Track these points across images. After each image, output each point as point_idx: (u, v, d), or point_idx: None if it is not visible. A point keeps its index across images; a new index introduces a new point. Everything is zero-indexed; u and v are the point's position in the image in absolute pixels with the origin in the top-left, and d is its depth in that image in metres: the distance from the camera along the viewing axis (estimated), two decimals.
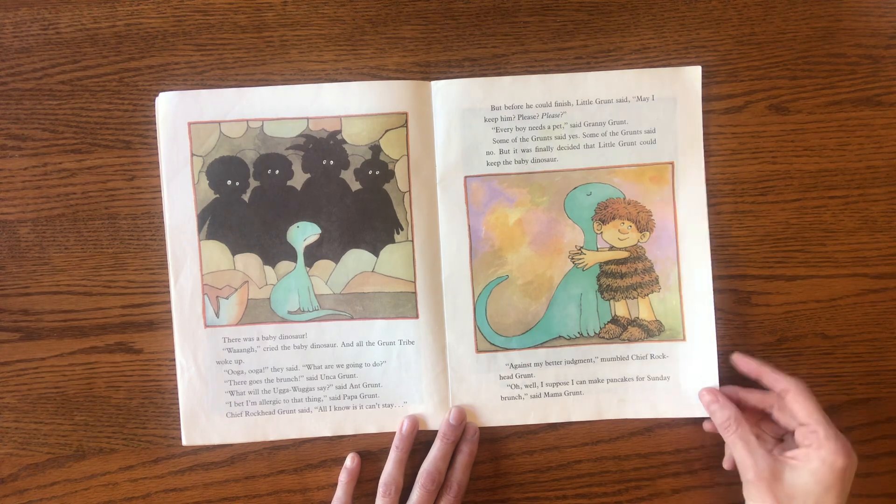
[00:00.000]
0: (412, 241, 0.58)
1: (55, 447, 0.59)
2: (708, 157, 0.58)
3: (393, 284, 0.58)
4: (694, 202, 0.58)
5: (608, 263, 0.58)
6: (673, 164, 0.58)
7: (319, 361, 0.58)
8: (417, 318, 0.58)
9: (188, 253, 0.58)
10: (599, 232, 0.58)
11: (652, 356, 0.58)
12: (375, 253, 0.58)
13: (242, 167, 0.57)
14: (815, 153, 0.59)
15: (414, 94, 0.57)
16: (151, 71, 0.58)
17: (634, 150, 0.58)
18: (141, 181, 0.58)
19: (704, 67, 0.58)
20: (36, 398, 0.59)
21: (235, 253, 0.58)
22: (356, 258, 0.58)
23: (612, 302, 0.58)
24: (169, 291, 0.58)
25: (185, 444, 0.58)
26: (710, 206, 0.58)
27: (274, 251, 0.58)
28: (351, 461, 0.58)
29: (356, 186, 0.58)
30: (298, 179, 0.58)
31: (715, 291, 0.58)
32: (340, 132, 0.57)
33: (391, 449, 0.57)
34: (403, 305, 0.58)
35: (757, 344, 0.59)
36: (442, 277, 0.58)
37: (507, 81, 0.58)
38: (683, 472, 0.59)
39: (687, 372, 0.58)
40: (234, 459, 0.59)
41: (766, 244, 0.59)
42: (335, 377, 0.58)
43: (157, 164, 0.58)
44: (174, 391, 0.58)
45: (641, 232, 0.58)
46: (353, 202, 0.58)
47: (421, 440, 0.58)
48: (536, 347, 0.58)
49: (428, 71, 0.58)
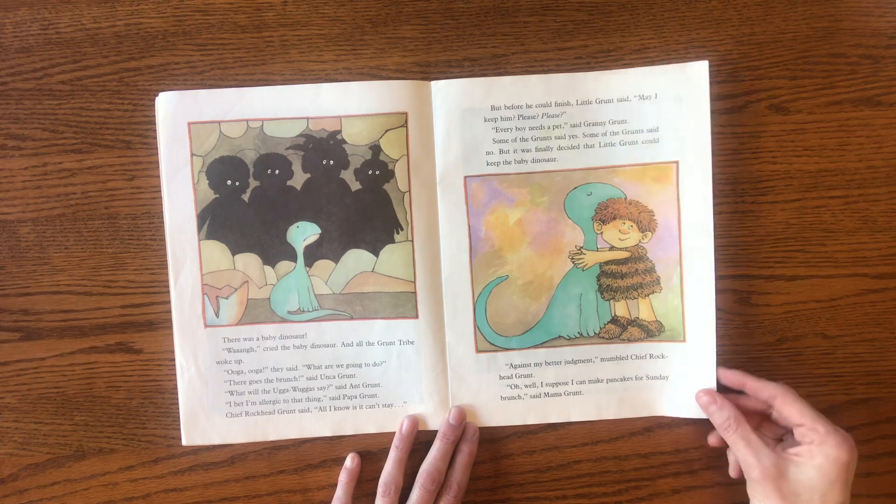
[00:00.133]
0: (412, 241, 0.58)
1: (55, 447, 0.59)
2: None
3: (393, 284, 0.58)
4: (700, 201, 0.57)
5: (608, 263, 0.58)
6: (677, 163, 0.57)
7: (319, 361, 0.58)
8: (417, 318, 0.58)
9: (188, 253, 0.58)
10: (599, 232, 0.58)
11: (651, 356, 0.58)
12: (375, 253, 0.58)
13: (242, 167, 0.57)
14: (815, 153, 0.59)
15: (414, 94, 0.57)
16: (151, 71, 0.58)
17: (636, 149, 0.57)
18: (141, 181, 0.58)
19: None
20: (36, 398, 0.59)
21: (235, 253, 0.58)
22: (356, 258, 0.58)
23: (611, 302, 0.58)
24: (169, 291, 0.58)
25: (185, 444, 0.58)
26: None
27: (274, 251, 0.58)
28: (351, 461, 0.58)
29: (356, 186, 0.58)
30: (298, 179, 0.58)
31: (715, 291, 0.58)
32: (340, 132, 0.57)
33: (391, 449, 0.57)
34: (403, 305, 0.58)
35: (757, 344, 0.59)
36: (442, 277, 0.58)
37: (507, 81, 0.57)
38: (683, 472, 0.59)
39: (686, 372, 0.58)
40: (234, 459, 0.59)
41: (766, 244, 0.59)
42: (335, 377, 0.58)
43: (157, 164, 0.58)
44: (174, 391, 0.58)
45: (643, 232, 0.58)
46: (353, 202, 0.58)
47: (421, 440, 0.58)
48: (536, 347, 0.58)
49: (428, 71, 0.58)
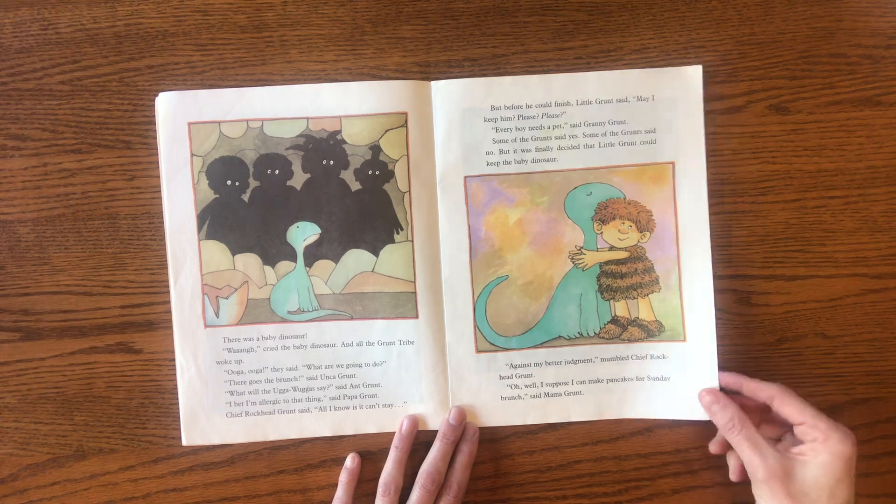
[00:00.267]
0: (412, 241, 0.58)
1: (55, 447, 0.59)
2: (708, 157, 0.58)
3: (393, 284, 0.58)
4: (695, 202, 0.57)
5: (608, 263, 0.58)
6: (674, 164, 0.58)
7: (319, 361, 0.58)
8: (417, 318, 0.58)
9: (188, 253, 0.58)
10: (599, 232, 0.58)
11: (652, 356, 0.58)
12: (375, 253, 0.58)
13: (242, 167, 0.57)
14: (815, 153, 0.59)
15: (414, 94, 0.57)
16: (151, 71, 0.58)
17: (634, 149, 0.58)
18: (141, 181, 0.58)
19: (704, 67, 0.58)
20: (36, 398, 0.59)
21: (235, 253, 0.58)
22: (356, 258, 0.58)
23: (612, 302, 0.58)
24: (169, 291, 0.58)
25: (185, 444, 0.58)
26: (710, 205, 0.58)
27: (274, 251, 0.58)
28: (351, 461, 0.58)
29: (356, 186, 0.58)
30: (298, 179, 0.58)
31: (715, 291, 0.57)
32: (340, 132, 0.57)
33: (391, 449, 0.57)
34: (403, 305, 0.58)
35: (757, 344, 0.59)
36: (442, 277, 0.58)
37: (507, 81, 0.57)
38: (683, 472, 0.59)
39: (687, 372, 0.58)
40: (234, 459, 0.59)
41: (766, 244, 0.59)
42: (335, 377, 0.58)
43: (156, 164, 0.58)
44: (174, 391, 0.58)
45: (642, 232, 0.58)
46: (352, 202, 0.58)
47: (421, 440, 0.58)
48: (536, 347, 0.58)
49: (428, 71, 0.58)
